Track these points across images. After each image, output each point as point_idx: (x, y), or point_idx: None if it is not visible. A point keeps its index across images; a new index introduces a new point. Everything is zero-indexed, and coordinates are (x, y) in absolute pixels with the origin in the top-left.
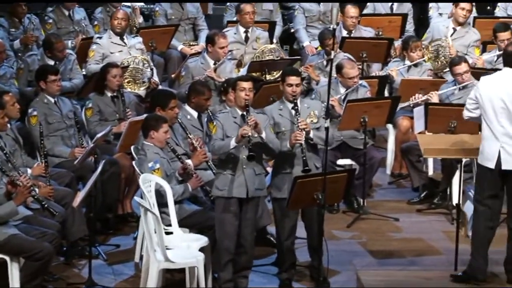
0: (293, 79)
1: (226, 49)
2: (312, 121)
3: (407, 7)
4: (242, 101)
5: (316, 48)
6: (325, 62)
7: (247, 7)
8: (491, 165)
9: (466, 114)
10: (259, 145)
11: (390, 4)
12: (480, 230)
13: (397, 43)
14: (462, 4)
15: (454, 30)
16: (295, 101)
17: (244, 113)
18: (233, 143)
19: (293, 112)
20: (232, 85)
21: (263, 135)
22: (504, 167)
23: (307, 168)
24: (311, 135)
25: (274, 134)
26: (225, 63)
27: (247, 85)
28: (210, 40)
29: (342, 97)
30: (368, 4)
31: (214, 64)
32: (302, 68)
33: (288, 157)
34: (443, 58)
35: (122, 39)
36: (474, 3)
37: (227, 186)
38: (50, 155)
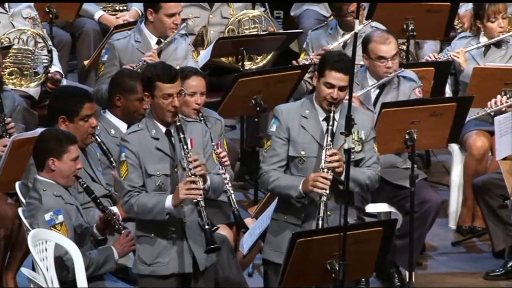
0: (337, 77)
1: (178, 18)
2: (353, 148)
3: None
4: (168, 118)
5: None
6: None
7: None
8: None
9: None
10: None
11: None
12: None
13: (466, 8)
14: None
15: None
16: (332, 112)
17: (173, 131)
18: (169, 206)
19: (325, 127)
20: (147, 85)
21: (208, 182)
22: None
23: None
24: (342, 176)
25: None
26: (176, 42)
27: (173, 89)
28: (151, 3)
29: (373, 97)
30: None
31: (158, 43)
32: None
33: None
34: None
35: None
36: None
37: (161, 257)
38: None
